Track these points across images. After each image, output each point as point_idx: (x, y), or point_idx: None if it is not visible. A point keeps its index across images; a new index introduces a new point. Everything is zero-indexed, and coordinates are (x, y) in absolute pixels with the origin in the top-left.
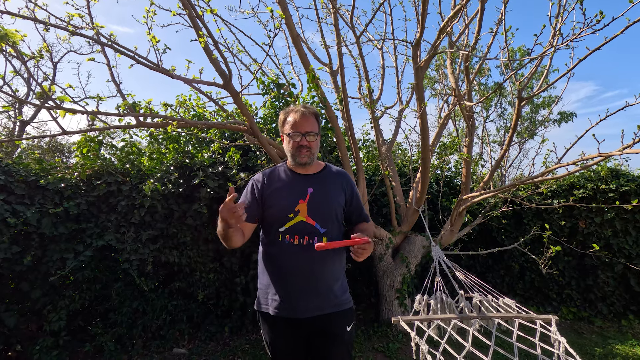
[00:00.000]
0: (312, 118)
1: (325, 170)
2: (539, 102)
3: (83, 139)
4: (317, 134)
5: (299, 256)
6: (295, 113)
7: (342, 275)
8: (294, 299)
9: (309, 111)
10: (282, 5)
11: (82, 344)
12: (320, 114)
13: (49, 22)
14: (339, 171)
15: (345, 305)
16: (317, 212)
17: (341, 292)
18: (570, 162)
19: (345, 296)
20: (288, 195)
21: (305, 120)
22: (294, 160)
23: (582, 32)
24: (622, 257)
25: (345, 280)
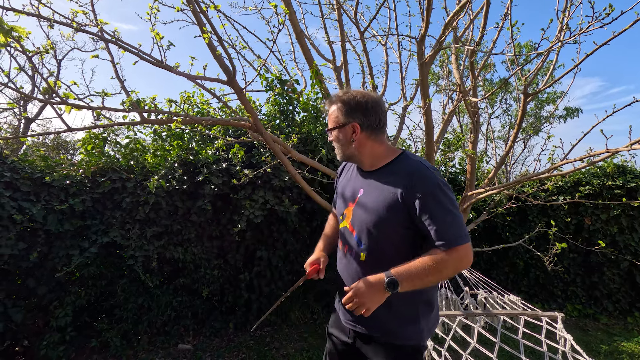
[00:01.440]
0: (330, 108)
1: (388, 167)
2: (544, 98)
3: (88, 136)
4: (333, 129)
5: (342, 262)
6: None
7: (414, 302)
8: (340, 303)
9: (329, 100)
10: (286, 0)
11: (88, 340)
12: (323, 110)
13: (53, 18)
14: (407, 169)
15: (394, 339)
16: (357, 221)
17: (391, 319)
18: (577, 159)
19: (399, 328)
20: (343, 193)
21: (328, 115)
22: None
23: (590, 26)
24: (628, 254)
25: (412, 312)
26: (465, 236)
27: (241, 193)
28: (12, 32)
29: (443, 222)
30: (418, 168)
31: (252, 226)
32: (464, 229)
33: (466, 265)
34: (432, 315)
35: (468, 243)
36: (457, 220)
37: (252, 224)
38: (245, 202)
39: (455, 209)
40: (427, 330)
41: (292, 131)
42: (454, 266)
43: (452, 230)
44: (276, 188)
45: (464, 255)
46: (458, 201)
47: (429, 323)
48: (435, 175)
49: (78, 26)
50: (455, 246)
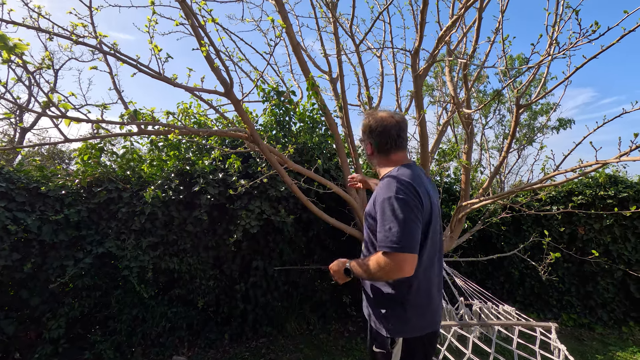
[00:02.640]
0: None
1: (381, 180)
2: (537, 109)
3: (84, 146)
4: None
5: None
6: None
7: (376, 293)
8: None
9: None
10: (283, 14)
11: (82, 352)
12: (319, 121)
13: (52, 31)
14: (383, 179)
15: (373, 323)
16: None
17: (370, 306)
18: (569, 169)
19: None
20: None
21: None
22: None
23: (578, 42)
24: (622, 263)
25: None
26: (403, 247)
27: (237, 203)
28: (15, 49)
29: (382, 228)
30: (385, 181)
31: (248, 236)
32: (404, 240)
33: (401, 274)
34: (404, 314)
35: (402, 253)
36: (396, 231)
37: (248, 234)
38: (242, 212)
39: (400, 221)
40: (397, 326)
41: (288, 142)
42: (387, 271)
43: (387, 237)
44: (272, 198)
45: (397, 264)
46: (453, 211)
47: (400, 320)
48: (394, 189)
49: (77, 38)
50: (385, 250)
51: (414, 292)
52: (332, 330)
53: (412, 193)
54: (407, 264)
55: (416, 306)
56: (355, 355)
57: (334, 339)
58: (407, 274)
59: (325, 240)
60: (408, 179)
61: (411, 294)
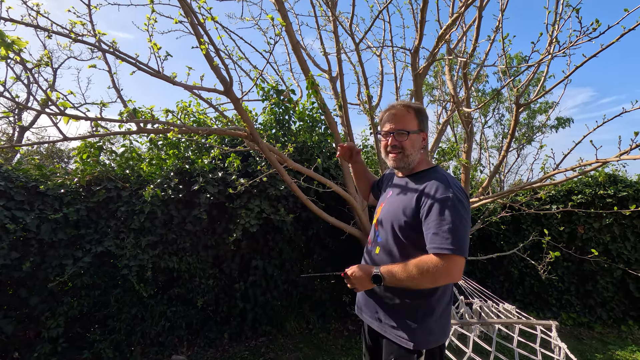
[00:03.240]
0: (406, 113)
1: (416, 175)
2: (536, 108)
3: (83, 145)
4: (410, 132)
5: (364, 255)
6: (387, 110)
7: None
8: (359, 300)
9: (403, 105)
10: (282, 13)
11: (80, 351)
12: (319, 119)
13: (51, 29)
14: (430, 178)
15: (393, 337)
16: (382, 219)
17: (392, 317)
18: (568, 168)
19: (396, 328)
20: (382, 195)
21: (396, 117)
22: (389, 165)
23: (578, 40)
24: (621, 262)
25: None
26: (459, 249)
27: (237, 202)
28: (13, 45)
29: (441, 229)
30: (439, 179)
31: (247, 235)
32: (461, 243)
33: (451, 277)
34: (433, 323)
35: (459, 256)
36: (458, 233)
37: (248, 233)
38: (241, 211)
39: (461, 225)
40: (425, 337)
41: (288, 140)
42: (439, 276)
43: (448, 238)
44: (272, 197)
45: (452, 268)
46: None
47: (427, 330)
48: (452, 191)
49: (76, 36)
50: (445, 253)
51: (443, 300)
52: (331, 330)
53: (465, 198)
54: (458, 269)
55: (441, 315)
56: (354, 354)
57: (334, 338)
58: (456, 279)
59: (324, 239)
60: (459, 183)
61: (440, 302)
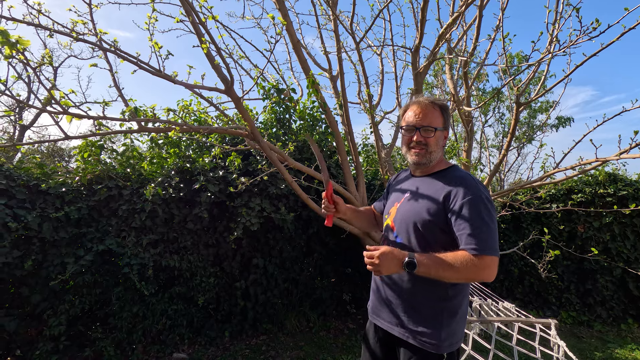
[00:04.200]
0: (433, 110)
1: (438, 173)
2: (537, 107)
3: (84, 144)
4: (436, 129)
5: None
6: (412, 105)
7: (428, 304)
8: (374, 303)
9: (430, 101)
10: (283, 11)
11: (82, 349)
12: (319, 118)
13: (53, 28)
14: (455, 176)
15: (418, 343)
16: (399, 218)
17: (417, 321)
18: (569, 167)
19: (429, 334)
20: (393, 196)
21: (422, 112)
22: (408, 160)
23: (578, 39)
24: (621, 261)
25: (440, 315)
26: (496, 250)
27: (238, 201)
28: (17, 45)
29: (478, 230)
30: (466, 178)
31: (248, 234)
32: (496, 244)
33: (487, 277)
34: (455, 325)
35: (496, 257)
36: (492, 233)
37: (249, 231)
38: (242, 209)
39: (493, 224)
40: (448, 340)
41: (288, 139)
42: (476, 272)
43: (486, 239)
44: (273, 196)
45: (488, 266)
46: None
47: (451, 333)
48: (481, 189)
49: (77, 35)
50: (484, 254)
51: (464, 302)
52: (331, 328)
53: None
54: (493, 269)
55: (463, 316)
56: (355, 353)
57: (334, 336)
58: (490, 279)
59: (325, 237)
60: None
61: (462, 304)
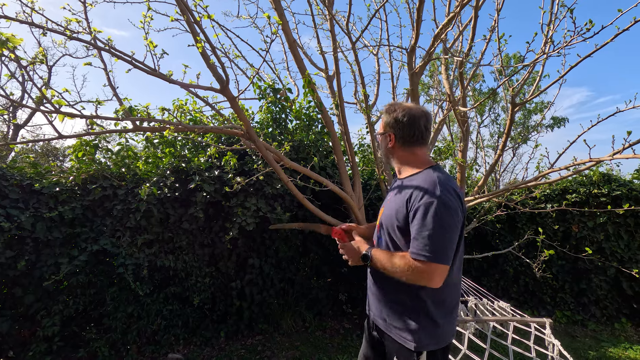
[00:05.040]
0: (382, 118)
1: (410, 177)
2: (532, 108)
3: (78, 143)
4: (378, 134)
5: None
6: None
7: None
8: (368, 297)
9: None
10: (279, 11)
11: (76, 350)
12: (315, 118)
13: (46, 26)
14: (418, 180)
15: (396, 337)
16: (382, 222)
17: (395, 317)
18: (563, 167)
19: (398, 327)
20: (387, 195)
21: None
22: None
23: (572, 40)
24: (615, 260)
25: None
26: (436, 256)
27: (233, 200)
28: (7, 43)
29: (419, 234)
30: (427, 183)
31: (244, 234)
32: (440, 250)
33: (426, 282)
34: (435, 327)
35: (439, 265)
36: (436, 239)
37: (244, 231)
38: (238, 209)
39: (442, 231)
40: (427, 338)
41: (284, 139)
42: (413, 277)
43: (426, 244)
44: (268, 195)
45: (428, 274)
46: None
47: (430, 332)
48: (438, 194)
49: (71, 34)
50: (420, 258)
51: (445, 303)
52: (327, 328)
53: (455, 199)
54: (437, 275)
55: (444, 318)
56: (350, 352)
57: (330, 336)
58: (435, 285)
59: (321, 237)
60: (450, 183)
61: (442, 305)
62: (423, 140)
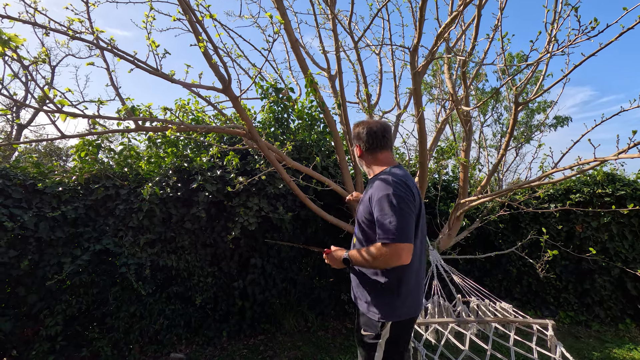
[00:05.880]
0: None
1: (373, 178)
2: (535, 107)
3: (81, 143)
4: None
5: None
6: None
7: (368, 283)
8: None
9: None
10: (281, 10)
11: (79, 349)
12: (318, 118)
13: (49, 26)
14: (374, 182)
15: (364, 309)
16: (357, 216)
17: (360, 295)
18: (567, 167)
19: (365, 302)
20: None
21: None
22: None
23: (577, 39)
24: (619, 261)
25: (373, 291)
26: (399, 236)
27: (235, 200)
28: (9, 42)
29: (382, 222)
30: (381, 181)
31: (246, 233)
32: (399, 231)
33: (399, 262)
34: (395, 301)
35: (402, 243)
36: (395, 223)
37: (247, 231)
38: (240, 209)
39: (400, 216)
40: (389, 311)
41: (286, 139)
42: (386, 259)
43: (388, 229)
44: (271, 195)
45: (395, 252)
46: (451, 208)
47: (391, 307)
48: (390, 188)
49: (74, 34)
50: (386, 242)
51: (405, 280)
52: (330, 328)
53: (405, 189)
54: (405, 253)
55: (405, 293)
56: (352, 352)
57: (332, 336)
58: (405, 261)
59: (323, 237)
60: (401, 177)
61: (402, 282)
62: (382, 146)
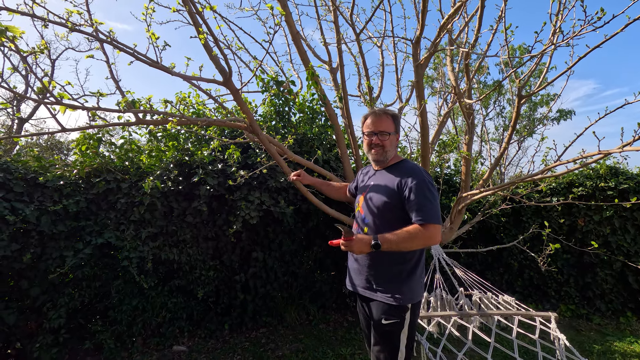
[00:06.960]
0: (386, 118)
1: (392, 166)
2: (538, 100)
3: (82, 137)
4: (390, 133)
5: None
6: (370, 114)
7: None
8: (350, 275)
9: (384, 112)
10: (282, 2)
11: (82, 342)
12: (319, 111)
13: (47, 18)
14: (405, 168)
15: (382, 298)
16: (367, 204)
17: (380, 283)
18: (570, 160)
19: (386, 290)
20: (360, 188)
21: (378, 120)
22: (369, 158)
23: (582, 30)
24: (621, 254)
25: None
26: (437, 220)
27: (237, 194)
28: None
29: (423, 205)
30: (413, 168)
31: (247, 227)
32: (438, 215)
33: (434, 242)
34: (414, 283)
35: (439, 225)
36: (434, 207)
37: (248, 224)
38: (241, 203)
39: (435, 201)
40: (409, 293)
41: (288, 132)
42: (424, 239)
43: (429, 212)
44: (272, 189)
45: (433, 233)
46: (453, 202)
47: (411, 289)
48: (424, 175)
49: (73, 26)
50: (428, 223)
51: (419, 264)
52: (331, 321)
53: (432, 178)
54: (439, 234)
55: (420, 274)
56: (354, 345)
57: (334, 329)
58: (437, 242)
59: (325, 231)
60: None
61: (418, 265)
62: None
